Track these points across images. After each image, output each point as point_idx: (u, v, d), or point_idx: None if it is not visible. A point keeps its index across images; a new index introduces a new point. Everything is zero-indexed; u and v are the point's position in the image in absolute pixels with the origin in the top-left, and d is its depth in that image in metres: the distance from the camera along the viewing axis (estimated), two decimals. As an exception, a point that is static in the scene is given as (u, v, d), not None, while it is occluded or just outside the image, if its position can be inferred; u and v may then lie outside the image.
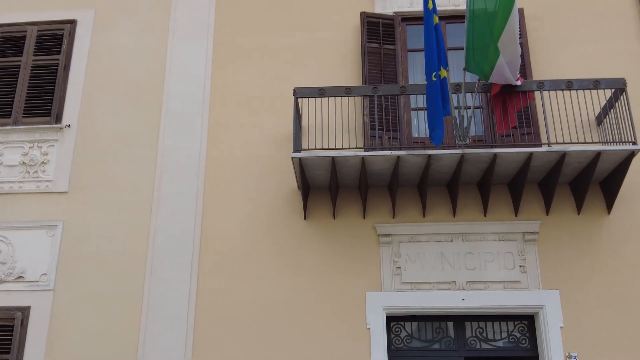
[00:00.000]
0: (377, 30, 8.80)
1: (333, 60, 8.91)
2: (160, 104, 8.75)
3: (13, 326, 7.68)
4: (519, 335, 7.84)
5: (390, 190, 8.05)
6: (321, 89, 7.73)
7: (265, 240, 8.05)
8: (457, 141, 7.46)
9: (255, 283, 7.87)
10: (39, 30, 9.18)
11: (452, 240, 7.94)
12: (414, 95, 8.11)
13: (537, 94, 8.12)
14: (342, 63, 8.88)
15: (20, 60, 9.01)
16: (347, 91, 7.71)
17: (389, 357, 7.63)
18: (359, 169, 7.68)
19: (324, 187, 8.17)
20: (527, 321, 7.86)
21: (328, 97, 7.84)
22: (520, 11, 8.70)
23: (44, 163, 8.53)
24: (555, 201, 7.98)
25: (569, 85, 7.63)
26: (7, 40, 9.16)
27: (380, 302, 7.70)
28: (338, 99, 8.43)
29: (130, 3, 9.41)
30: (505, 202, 8.05)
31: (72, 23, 9.27)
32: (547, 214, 7.95)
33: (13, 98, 8.82)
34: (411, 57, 8.92)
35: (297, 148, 7.55)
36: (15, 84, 8.89)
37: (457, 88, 7.65)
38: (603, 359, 7.38)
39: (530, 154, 7.33)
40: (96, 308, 7.80)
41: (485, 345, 7.81)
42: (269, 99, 8.74)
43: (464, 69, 7.54)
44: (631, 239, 7.86)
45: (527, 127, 8.13)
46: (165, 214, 8.13)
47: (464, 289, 7.73)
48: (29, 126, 8.64)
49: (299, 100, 8.21)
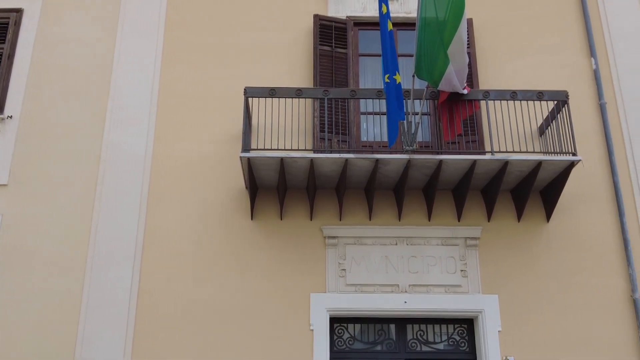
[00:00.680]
0: (330, 34, 8.85)
1: (285, 61, 8.92)
2: (107, 99, 8.59)
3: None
4: (458, 338, 8.01)
5: (337, 193, 8.11)
6: (272, 89, 7.73)
7: (210, 239, 7.99)
8: (405, 147, 7.58)
9: (198, 283, 7.80)
10: (-17, 18, 8.91)
11: (397, 244, 8.05)
12: (364, 99, 8.19)
13: (483, 103, 8.31)
14: (294, 64, 8.90)
15: (-38, 48, 8.73)
16: (298, 92, 7.73)
17: (331, 359, 7.69)
18: (307, 171, 7.71)
19: (272, 188, 8.17)
20: (467, 325, 8.03)
21: (279, 98, 7.85)
22: (469, 21, 8.90)
23: (-17, 154, 8.27)
24: (497, 208, 8.19)
25: (514, 95, 7.83)
26: (-51, 27, 8.86)
27: (324, 304, 7.74)
28: (289, 100, 8.45)
29: (80, -6, 9.23)
30: (449, 208, 8.21)
31: (19, 12, 9.02)
32: (489, 220, 8.15)
33: (-48, 86, 8.54)
34: (362, 62, 9.01)
35: (246, 147, 7.52)
36: (-44, 72, 8.61)
37: (406, 94, 7.76)
38: (538, 363, 7.61)
39: (474, 162, 7.50)
40: (34, 305, 7.59)
41: (425, 348, 7.94)
42: (219, 98, 8.68)
43: (413, 76, 7.66)
44: (568, 246, 8.12)
45: (472, 135, 8.31)
46: (108, 210, 7.98)
47: (406, 292, 7.84)
48: (-31, 116, 8.37)
49: (250, 99, 8.20)
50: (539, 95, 7.85)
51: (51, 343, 7.45)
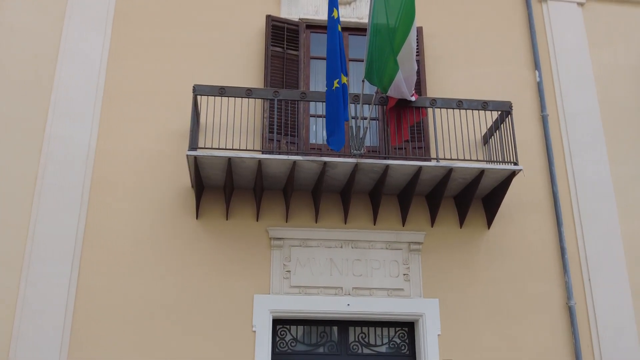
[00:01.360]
0: (282, 35, 8.85)
1: (236, 61, 8.86)
2: (50, 91, 8.34)
3: None
4: (399, 341, 8.12)
5: (284, 194, 8.11)
6: (222, 88, 7.68)
7: (153, 238, 7.86)
8: (352, 150, 7.64)
9: (140, 282, 7.66)
10: None
11: (342, 247, 8.11)
12: (314, 102, 8.22)
13: (430, 111, 8.46)
14: (245, 64, 8.85)
15: None
16: (248, 92, 7.70)
17: (272, 360, 7.69)
18: (254, 171, 7.69)
19: (219, 187, 8.11)
20: (408, 328, 8.15)
21: (228, 97, 7.79)
22: (419, 29, 9.04)
23: None
24: (440, 214, 8.34)
25: (460, 104, 8.00)
26: None
27: (267, 305, 7.73)
28: (238, 100, 8.42)
29: (26, -18, 8.95)
30: (394, 212, 8.32)
31: (-40, -3, 8.70)
32: (432, 226, 8.29)
33: None
34: (313, 65, 9.04)
35: (193, 146, 7.44)
36: None
37: (355, 99, 7.83)
38: (475, 366, 7.78)
39: (420, 168, 7.62)
40: (-34, 301, 7.33)
41: (367, 350, 8.01)
42: (167, 95, 8.56)
43: (363, 80, 7.73)
44: (507, 253, 8.34)
45: (419, 142, 8.45)
46: (48, 205, 7.75)
47: (350, 294, 7.91)
48: None
49: (199, 98, 8.12)
50: (484, 105, 8.04)
51: (-17, 341, 7.20)
